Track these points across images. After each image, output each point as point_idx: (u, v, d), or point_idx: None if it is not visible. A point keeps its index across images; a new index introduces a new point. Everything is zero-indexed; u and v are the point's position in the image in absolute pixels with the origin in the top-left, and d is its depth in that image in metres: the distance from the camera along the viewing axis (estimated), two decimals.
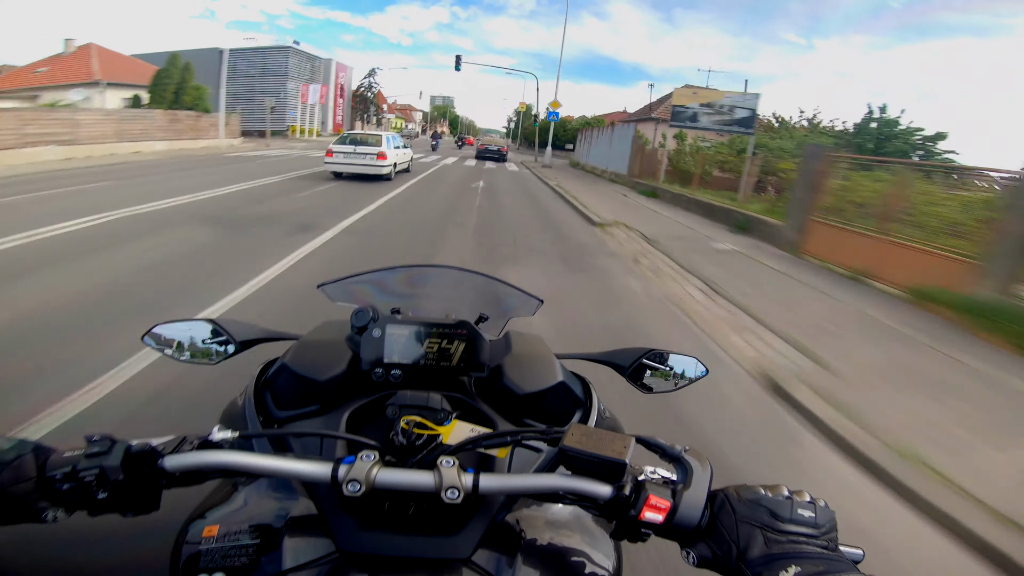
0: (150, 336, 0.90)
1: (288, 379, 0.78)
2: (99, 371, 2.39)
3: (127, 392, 2.29)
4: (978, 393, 3.14)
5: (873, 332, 4.16)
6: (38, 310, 3.11)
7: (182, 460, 0.51)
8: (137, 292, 3.58)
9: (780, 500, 0.46)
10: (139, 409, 2.16)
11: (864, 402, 2.80)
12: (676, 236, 7.71)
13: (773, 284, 5.49)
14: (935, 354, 3.75)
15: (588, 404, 0.84)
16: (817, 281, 5.70)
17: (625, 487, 0.50)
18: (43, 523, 0.48)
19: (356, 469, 0.50)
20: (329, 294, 0.98)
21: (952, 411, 2.84)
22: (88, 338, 2.74)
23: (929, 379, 3.28)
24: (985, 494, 2.07)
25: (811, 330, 3.94)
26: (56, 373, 2.37)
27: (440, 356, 0.78)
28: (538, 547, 0.60)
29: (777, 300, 4.77)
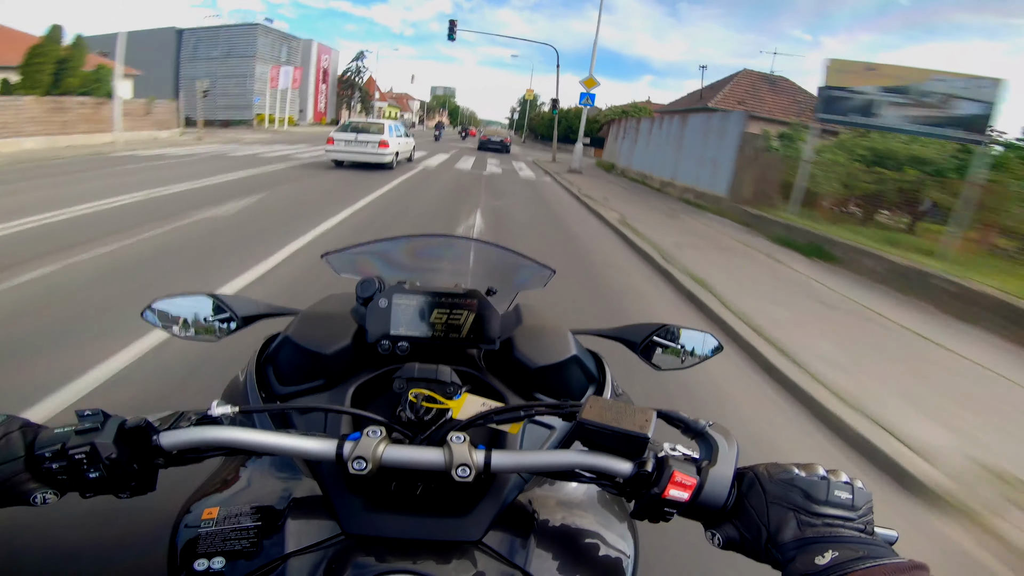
0: (150, 311, 0.87)
1: (291, 353, 0.76)
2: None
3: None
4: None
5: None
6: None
7: (179, 436, 0.48)
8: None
9: (815, 480, 0.44)
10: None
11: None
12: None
13: None
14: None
15: (601, 380, 0.82)
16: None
17: (647, 463, 0.48)
18: (32, 505, 0.45)
19: (362, 446, 0.48)
20: (333, 265, 0.95)
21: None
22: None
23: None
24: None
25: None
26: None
27: (449, 328, 0.75)
28: (552, 528, 0.58)
29: None
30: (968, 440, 2.42)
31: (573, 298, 3.98)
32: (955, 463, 2.20)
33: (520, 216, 7.59)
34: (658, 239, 6.37)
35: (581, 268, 5.00)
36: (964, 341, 3.91)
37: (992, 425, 2.61)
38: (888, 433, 2.38)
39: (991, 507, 1.96)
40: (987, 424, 2.61)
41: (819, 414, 2.62)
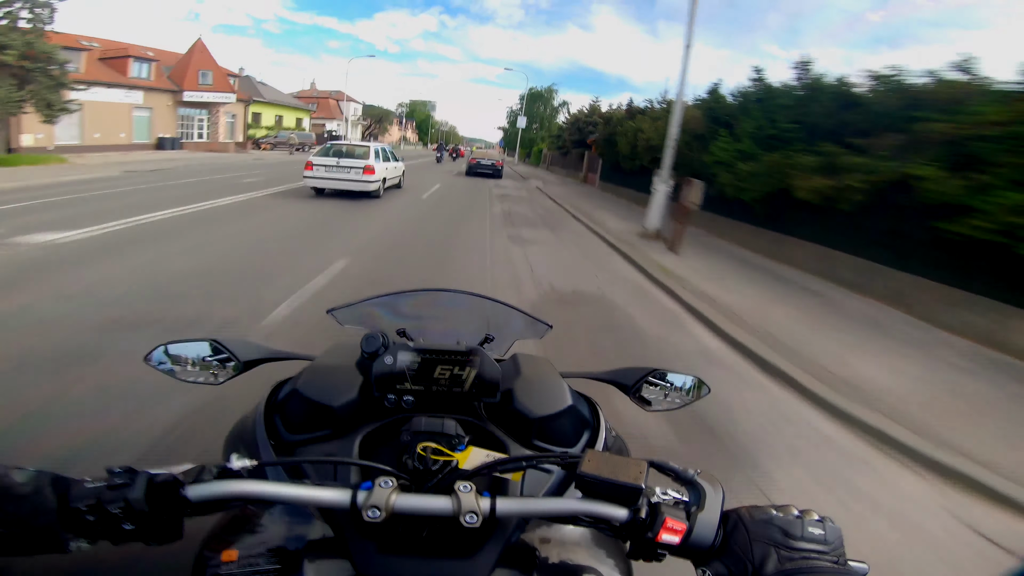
0: (153, 356, 0.90)
1: (300, 404, 0.78)
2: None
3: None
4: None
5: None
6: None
7: (205, 490, 0.51)
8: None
9: (791, 519, 0.49)
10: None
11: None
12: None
13: None
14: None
15: (596, 425, 0.85)
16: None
17: (641, 510, 0.51)
18: (67, 553, 0.48)
19: (376, 496, 0.51)
20: (338, 318, 0.99)
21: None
22: None
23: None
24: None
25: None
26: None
27: (452, 382, 0.78)
28: (552, 566, 0.61)
29: None
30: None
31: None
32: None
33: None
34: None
35: None
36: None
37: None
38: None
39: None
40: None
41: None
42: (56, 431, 2.16)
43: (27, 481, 0.48)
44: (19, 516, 0.46)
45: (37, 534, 0.47)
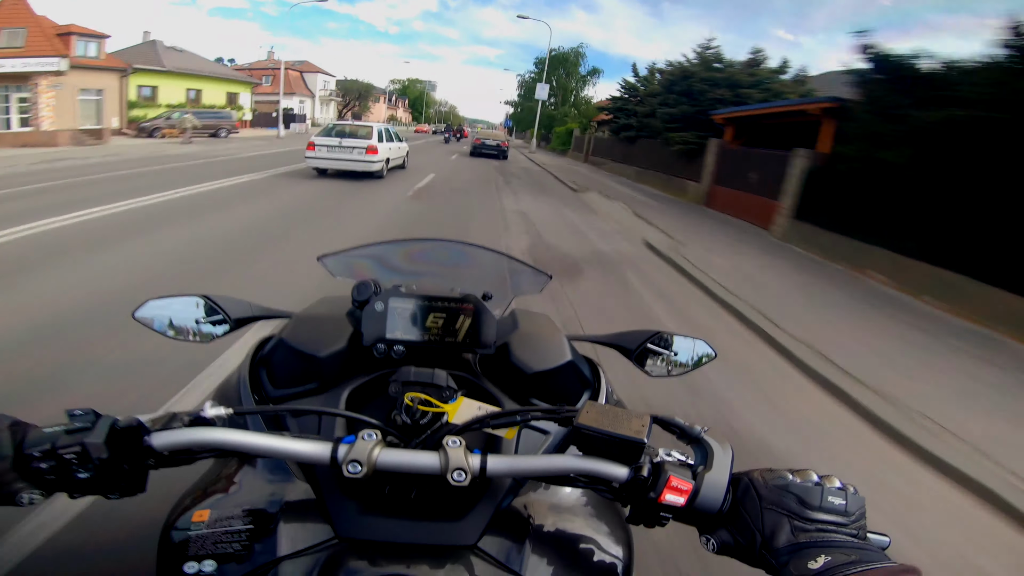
0: (142, 311, 0.86)
1: (285, 355, 0.75)
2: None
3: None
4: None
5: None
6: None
7: (171, 437, 0.47)
8: None
9: (809, 486, 0.44)
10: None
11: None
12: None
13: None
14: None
15: (596, 386, 0.82)
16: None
17: (643, 468, 0.47)
18: (18, 506, 0.44)
19: (357, 449, 0.48)
20: (329, 267, 0.94)
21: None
22: None
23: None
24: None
25: None
26: None
27: (445, 332, 0.75)
28: (546, 533, 0.58)
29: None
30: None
31: None
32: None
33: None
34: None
35: None
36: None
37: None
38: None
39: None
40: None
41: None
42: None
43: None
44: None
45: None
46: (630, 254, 6.31)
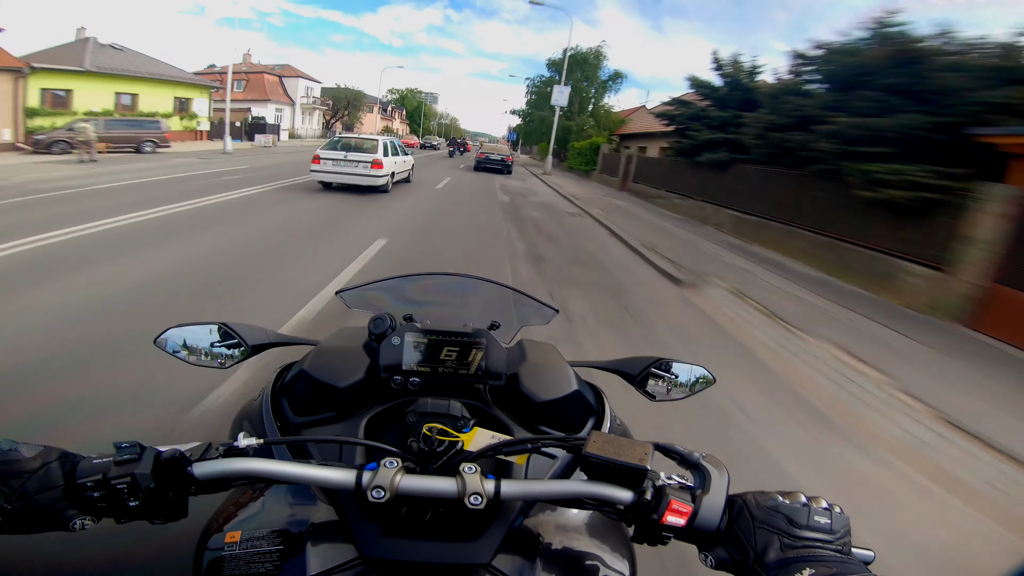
0: (162, 339, 0.89)
1: (306, 385, 0.78)
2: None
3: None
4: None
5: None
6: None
7: (211, 467, 0.51)
8: None
9: (797, 507, 0.48)
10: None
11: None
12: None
13: None
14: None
15: (601, 412, 0.85)
16: None
17: (646, 492, 0.51)
18: (71, 531, 0.48)
19: (380, 476, 0.51)
20: (346, 301, 0.98)
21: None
22: None
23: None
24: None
25: None
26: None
27: (458, 364, 0.78)
28: (555, 551, 0.61)
29: None
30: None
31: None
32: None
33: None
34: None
35: None
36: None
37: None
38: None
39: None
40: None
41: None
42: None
43: (34, 456, 0.47)
44: (26, 492, 0.46)
45: (41, 511, 0.46)
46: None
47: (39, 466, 0.46)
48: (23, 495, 0.45)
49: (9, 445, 0.47)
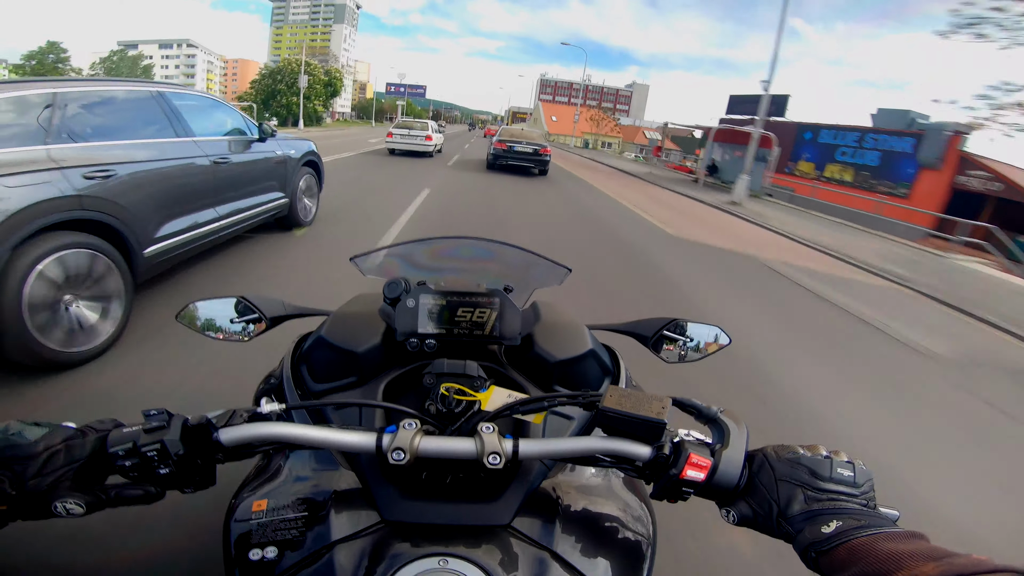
0: (183, 315, 0.90)
1: (325, 352, 0.79)
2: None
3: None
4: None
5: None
6: None
7: (237, 432, 0.51)
8: None
9: (819, 459, 0.47)
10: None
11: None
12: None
13: None
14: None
15: (616, 372, 0.84)
16: None
17: (664, 447, 0.51)
18: (55, 516, 0.46)
19: (400, 438, 0.51)
20: (360, 266, 0.98)
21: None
22: None
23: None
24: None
25: None
26: None
27: (473, 325, 0.78)
28: (574, 512, 0.61)
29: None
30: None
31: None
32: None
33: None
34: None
35: None
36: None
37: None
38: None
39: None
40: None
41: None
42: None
43: (38, 439, 0.46)
44: (28, 477, 0.45)
45: (45, 495, 0.45)
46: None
47: (42, 450, 0.45)
48: (26, 480, 0.44)
49: (17, 427, 0.46)
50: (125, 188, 2.50)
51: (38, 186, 2.06)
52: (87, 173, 2.30)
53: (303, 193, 4.88)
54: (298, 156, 4.67)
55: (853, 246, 9.10)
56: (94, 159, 2.36)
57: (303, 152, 4.79)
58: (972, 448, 2.66)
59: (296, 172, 4.64)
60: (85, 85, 2.56)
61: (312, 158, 5.01)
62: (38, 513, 0.46)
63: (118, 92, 2.79)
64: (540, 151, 12.73)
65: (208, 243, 3.30)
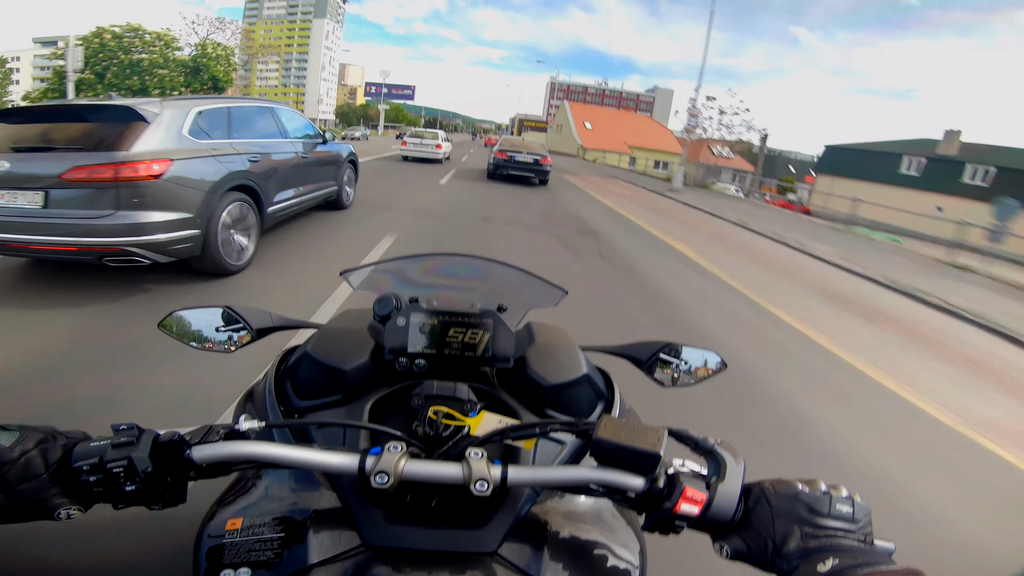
0: (165, 324, 0.87)
1: (310, 368, 0.76)
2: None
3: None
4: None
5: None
6: None
7: (210, 451, 0.49)
8: None
9: (818, 495, 0.46)
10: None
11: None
12: None
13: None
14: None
15: (610, 397, 0.82)
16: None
17: (659, 479, 0.49)
18: (55, 520, 0.45)
19: (384, 461, 0.49)
20: (351, 281, 0.96)
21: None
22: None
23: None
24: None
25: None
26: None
27: (465, 346, 0.75)
28: (563, 540, 0.58)
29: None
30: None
31: None
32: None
33: None
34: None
35: None
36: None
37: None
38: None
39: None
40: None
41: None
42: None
43: (12, 444, 0.44)
44: (7, 482, 0.43)
45: (26, 501, 0.44)
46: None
47: (18, 455, 0.44)
48: (3, 486, 0.43)
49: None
50: (263, 168, 4.06)
51: (230, 163, 3.61)
52: (249, 157, 3.84)
53: (346, 183, 6.42)
54: (344, 155, 6.27)
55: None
56: (249, 149, 3.91)
57: (347, 153, 6.40)
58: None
59: (343, 167, 6.21)
60: (239, 102, 4.20)
61: (352, 158, 6.60)
62: (28, 516, 0.44)
63: (253, 107, 4.41)
64: (540, 161, 13.07)
65: (293, 212, 4.91)
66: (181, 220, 3.14)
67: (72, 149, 2.92)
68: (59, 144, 2.98)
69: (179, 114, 3.34)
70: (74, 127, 3.05)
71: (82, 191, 2.85)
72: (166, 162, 3.05)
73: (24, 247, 2.86)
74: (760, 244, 9.02)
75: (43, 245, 2.83)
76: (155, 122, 3.12)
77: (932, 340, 4.62)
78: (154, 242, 3.00)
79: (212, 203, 3.38)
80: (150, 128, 3.07)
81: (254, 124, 4.24)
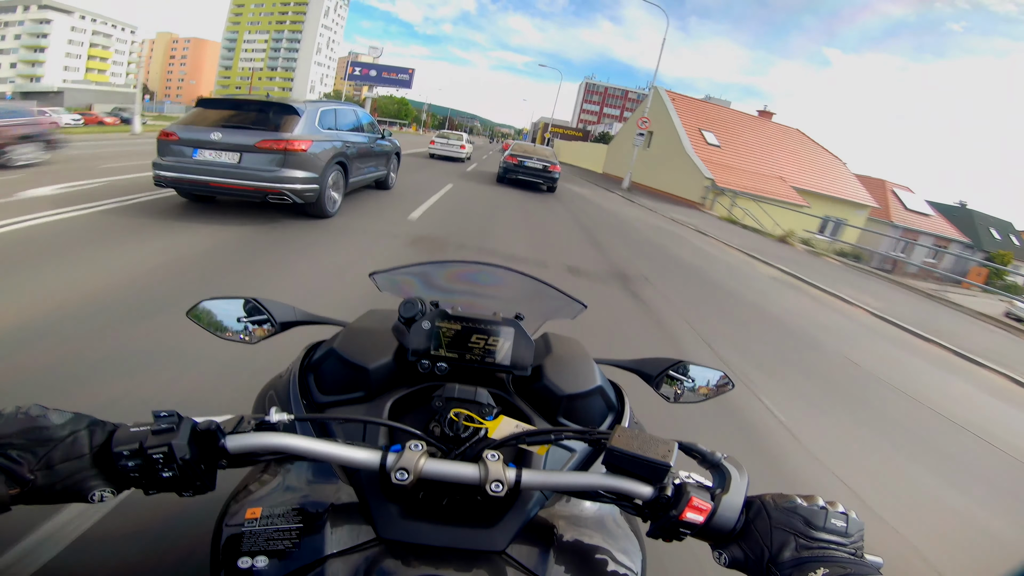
0: (194, 312, 0.89)
1: (335, 364, 0.78)
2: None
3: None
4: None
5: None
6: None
7: (243, 440, 0.51)
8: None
9: (815, 510, 0.48)
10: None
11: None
12: None
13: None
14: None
15: (621, 409, 0.84)
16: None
17: (667, 488, 0.51)
18: (89, 502, 0.46)
19: (405, 458, 0.51)
20: (378, 283, 0.99)
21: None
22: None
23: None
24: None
25: None
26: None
27: (485, 352, 0.77)
28: (568, 543, 0.60)
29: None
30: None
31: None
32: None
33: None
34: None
35: None
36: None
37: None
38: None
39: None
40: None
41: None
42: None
43: (64, 423, 0.46)
44: (51, 461, 0.44)
45: (64, 481, 0.45)
46: None
47: (67, 434, 0.45)
48: (47, 464, 0.44)
49: (39, 411, 0.46)
50: (350, 151, 6.05)
51: (335, 145, 5.62)
52: (345, 142, 5.91)
53: (392, 170, 8.54)
54: (393, 149, 8.35)
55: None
56: (344, 138, 5.92)
57: (396, 147, 8.53)
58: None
59: (391, 158, 8.32)
60: (339, 105, 6.20)
61: (397, 151, 8.73)
62: (62, 498, 0.45)
63: (346, 108, 6.44)
64: (549, 168, 13.11)
65: (361, 184, 7.04)
66: (312, 178, 5.13)
67: (258, 128, 4.92)
68: (249, 124, 4.95)
69: (314, 111, 5.33)
70: (258, 115, 5.07)
71: (263, 155, 4.83)
72: (309, 142, 5.07)
73: (224, 187, 4.81)
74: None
75: (236, 186, 4.79)
76: (304, 116, 5.12)
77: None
78: (298, 190, 4.97)
79: (327, 170, 5.37)
80: (301, 120, 5.09)
81: (346, 120, 6.28)
